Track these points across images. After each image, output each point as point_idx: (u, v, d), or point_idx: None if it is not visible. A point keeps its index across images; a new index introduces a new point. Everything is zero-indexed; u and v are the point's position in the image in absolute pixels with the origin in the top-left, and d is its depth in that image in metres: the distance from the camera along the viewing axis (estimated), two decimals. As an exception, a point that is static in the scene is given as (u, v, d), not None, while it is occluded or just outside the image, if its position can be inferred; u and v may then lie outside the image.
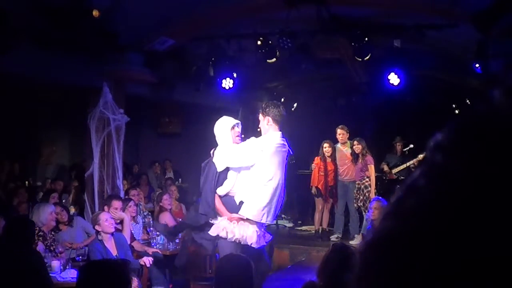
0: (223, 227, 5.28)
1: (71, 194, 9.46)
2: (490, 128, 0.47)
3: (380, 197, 6.94)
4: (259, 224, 5.40)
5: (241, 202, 5.36)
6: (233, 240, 5.24)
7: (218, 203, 5.39)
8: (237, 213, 5.29)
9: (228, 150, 5.43)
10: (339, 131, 9.61)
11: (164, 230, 6.23)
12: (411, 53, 8.93)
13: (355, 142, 9.34)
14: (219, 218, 5.38)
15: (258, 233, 5.34)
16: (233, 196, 5.43)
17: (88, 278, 3.05)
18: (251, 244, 5.28)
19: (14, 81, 8.43)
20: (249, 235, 5.27)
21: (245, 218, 5.27)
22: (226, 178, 5.46)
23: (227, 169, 5.46)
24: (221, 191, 5.42)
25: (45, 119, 11.77)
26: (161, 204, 7.96)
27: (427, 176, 0.50)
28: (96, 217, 5.86)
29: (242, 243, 5.27)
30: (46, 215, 6.20)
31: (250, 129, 7.84)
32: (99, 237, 5.70)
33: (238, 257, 4.01)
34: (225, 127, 5.51)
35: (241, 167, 5.41)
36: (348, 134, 9.63)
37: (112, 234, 5.76)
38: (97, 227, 5.74)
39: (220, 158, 5.43)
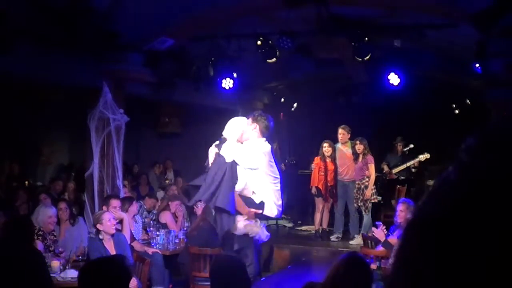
0: (246, 225, 5.56)
1: (65, 194, 9.42)
2: (507, 139, 0.62)
3: (406, 199, 6.87)
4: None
5: (262, 202, 5.60)
6: (252, 236, 5.56)
7: (238, 199, 5.59)
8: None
9: (238, 147, 5.62)
10: (340, 130, 9.61)
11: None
12: (411, 53, 8.94)
13: (357, 142, 9.34)
14: (239, 216, 5.57)
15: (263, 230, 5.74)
16: (247, 194, 5.64)
17: (89, 277, 3.07)
18: (259, 238, 5.66)
19: (14, 81, 8.43)
20: (259, 231, 5.64)
21: (260, 212, 5.55)
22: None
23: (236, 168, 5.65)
24: (237, 187, 5.60)
25: (45, 119, 11.77)
26: (169, 203, 8.11)
27: (457, 171, 0.64)
28: (99, 216, 5.83)
29: (255, 238, 5.61)
30: (44, 218, 6.20)
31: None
32: (100, 236, 5.70)
33: (231, 258, 4.02)
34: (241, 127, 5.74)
35: (248, 168, 5.61)
36: (349, 134, 9.63)
37: (112, 235, 5.75)
38: (99, 226, 5.72)
39: (229, 152, 5.59)
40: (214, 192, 5.47)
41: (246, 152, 5.57)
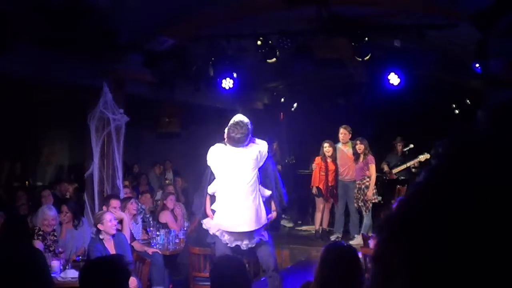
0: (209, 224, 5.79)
1: (65, 194, 9.41)
2: (472, 146, 0.70)
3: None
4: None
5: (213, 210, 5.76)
6: (213, 234, 5.69)
7: (206, 200, 5.85)
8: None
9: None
10: (341, 130, 9.61)
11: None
12: (411, 53, 8.92)
13: (358, 142, 9.33)
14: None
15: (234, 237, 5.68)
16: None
17: (89, 276, 3.09)
18: (225, 242, 5.61)
19: (14, 81, 8.42)
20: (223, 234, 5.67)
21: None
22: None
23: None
24: (209, 189, 5.82)
25: (45, 119, 11.76)
26: (165, 202, 8.15)
27: (426, 174, 0.71)
28: (100, 216, 5.83)
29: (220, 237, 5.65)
30: (41, 220, 6.18)
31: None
32: (101, 236, 5.69)
33: (230, 258, 4.02)
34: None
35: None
36: (350, 134, 9.63)
37: (113, 235, 5.75)
38: (99, 226, 5.72)
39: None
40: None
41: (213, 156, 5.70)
